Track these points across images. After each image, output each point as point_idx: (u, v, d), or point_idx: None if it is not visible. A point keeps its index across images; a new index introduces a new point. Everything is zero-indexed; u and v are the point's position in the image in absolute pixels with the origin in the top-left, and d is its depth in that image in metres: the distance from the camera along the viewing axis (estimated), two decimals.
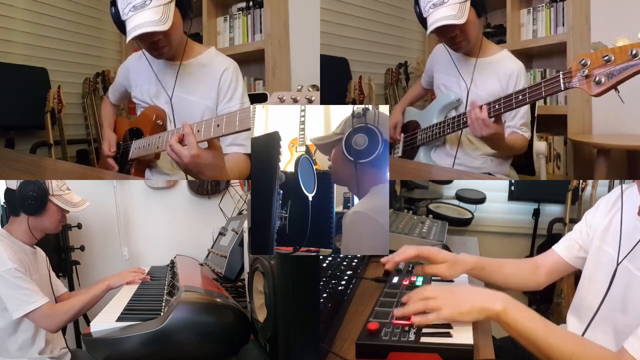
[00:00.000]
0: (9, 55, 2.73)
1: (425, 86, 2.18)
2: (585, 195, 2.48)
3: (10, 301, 1.51)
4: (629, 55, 1.20)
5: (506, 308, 0.94)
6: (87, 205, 1.76)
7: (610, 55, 1.23)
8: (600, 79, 1.25)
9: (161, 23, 1.50)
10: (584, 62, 1.29)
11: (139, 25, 1.48)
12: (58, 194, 1.67)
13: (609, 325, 1.08)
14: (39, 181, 1.63)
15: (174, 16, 1.54)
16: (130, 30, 1.49)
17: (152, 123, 1.72)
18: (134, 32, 1.48)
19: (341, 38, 3.07)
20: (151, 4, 1.49)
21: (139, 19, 1.49)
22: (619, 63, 1.22)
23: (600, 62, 1.25)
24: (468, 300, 0.97)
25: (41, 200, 1.63)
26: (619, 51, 1.22)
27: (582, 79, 1.30)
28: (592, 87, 1.28)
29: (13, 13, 2.75)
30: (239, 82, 1.70)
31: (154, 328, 1.26)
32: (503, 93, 1.68)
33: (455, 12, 1.67)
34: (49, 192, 1.64)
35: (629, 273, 1.06)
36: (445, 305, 0.97)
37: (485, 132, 1.60)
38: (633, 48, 1.19)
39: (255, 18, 2.85)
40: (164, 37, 1.57)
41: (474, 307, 0.96)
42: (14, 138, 2.75)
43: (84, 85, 3.08)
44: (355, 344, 0.97)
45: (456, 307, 0.96)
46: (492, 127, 1.59)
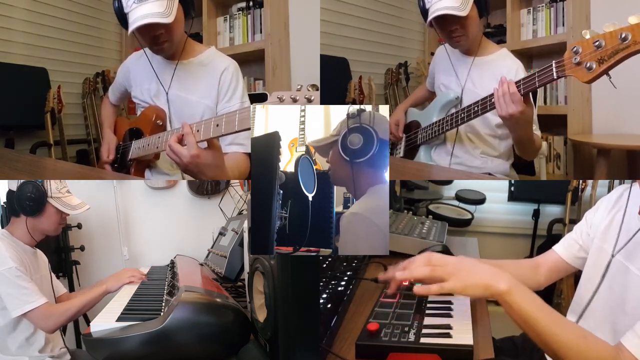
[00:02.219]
0: (9, 55, 2.73)
1: (429, 88, 2.19)
2: (585, 196, 2.48)
3: (9, 300, 1.51)
4: (618, 39, 1.19)
5: (511, 289, 0.92)
6: (87, 208, 1.75)
7: (601, 41, 1.22)
8: (591, 65, 1.24)
9: (165, 15, 1.50)
10: (576, 50, 1.28)
11: (143, 16, 1.48)
12: (57, 196, 1.66)
13: (607, 325, 1.08)
14: (38, 182, 1.62)
15: (177, 11, 1.54)
16: (133, 21, 1.49)
17: (152, 123, 1.72)
18: (137, 23, 1.48)
19: (341, 38, 3.07)
20: None
21: (143, 10, 1.49)
22: (609, 48, 1.21)
23: (591, 49, 1.25)
24: (474, 275, 0.96)
25: (39, 202, 1.62)
26: (609, 36, 1.21)
27: (574, 66, 1.29)
28: (583, 74, 1.27)
29: (13, 13, 2.75)
30: (239, 81, 1.71)
31: (154, 328, 1.26)
32: None
33: (458, 4, 1.66)
34: (48, 194, 1.63)
35: (626, 271, 1.06)
36: (451, 276, 0.95)
37: (512, 109, 1.45)
38: (622, 32, 1.18)
39: (256, 18, 2.85)
40: (166, 32, 1.57)
41: (479, 283, 0.94)
42: (13, 138, 2.75)
43: (83, 85, 3.08)
44: (355, 344, 0.97)
45: (461, 280, 0.95)
46: (521, 103, 1.45)
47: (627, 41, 1.18)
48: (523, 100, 1.46)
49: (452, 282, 0.95)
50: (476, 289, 0.94)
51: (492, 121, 1.80)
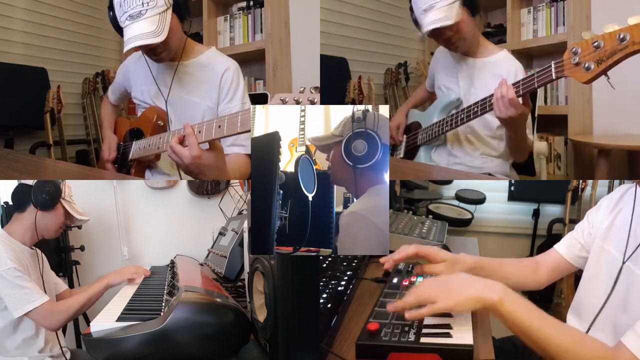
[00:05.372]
0: (9, 55, 2.73)
1: (429, 89, 2.19)
2: (585, 196, 2.47)
3: (10, 301, 1.52)
4: (617, 40, 1.20)
5: (502, 298, 0.92)
6: (87, 220, 1.82)
7: (600, 42, 1.23)
8: (589, 65, 1.25)
9: (156, 35, 1.50)
10: (575, 51, 1.28)
11: (134, 37, 1.49)
12: (68, 199, 1.73)
13: (609, 324, 1.08)
14: (57, 181, 1.70)
15: (171, 22, 1.54)
16: (127, 41, 1.50)
17: (153, 124, 1.72)
18: (130, 44, 1.49)
19: (341, 38, 3.07)
20: (146, 14, 1.49)
21: (135, 30, 1.49)
22: (608, 48, 1.22)
23: (590, 49, 1.25)
24: (463, 290, 0.96)
25: (54, 198, 1.68)
26: (608, 37, 1.22)
27: (572, 67, 1.29)
28: (581, 75, 1.27)
29: (13, 13, 2.75)
30: (240, 82, 1.70)
31: (154, 328, 1.26)
32: None
33: (444, 14, 1.68)
34: (62, 195, 1.70)
35: (631, 272, 1.06)
36: (438, 297, 0.95)
37: (512, 112, 1.47)
38: (621, 32, 1.19)
39: (256, 18, 2.85)
40: (162, 44, 1.57)
41: (470, 297, 0.94)
42: (13, 138, 2.75)
43: (83, 85, 3.08)
44: (355, 344, 0.97)
45: (451, 298, 0.95)
46: (519, 106, 1.47)
47: (626, 42, 1.18)
48: (522, 102, 1.48)
49: (441, 302, 0.95)
50: (468, 303, 0.94)
51: (491, 122, 1.80)
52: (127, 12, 1.50)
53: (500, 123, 1.61)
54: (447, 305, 0.95)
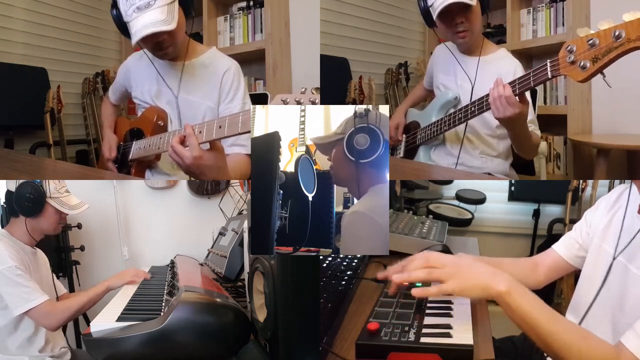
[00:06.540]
0: (9, 55, 2.73)
1: (427, 87, 2.19)
2: (585, 196, 2.48)
3: (10, 299, 1.52)
4: (612, 37, 1.17)
5: (510, 289, 0.91)
6: (86, 208, 1.76)
7: (595, 39, 1.20)
8: (585, 63, 1.23)
9: (167, 22, 1.49)
10: (571, 49, 1.26)
11: (146, 26, 1.48)
12: (56, 196, 1.67)
13: (606, 323, 1.08)
14: (36, 183, 1.63)
15: (179, 15, 1.54)
16: (136, 32, 1.49)
17: (153, 124, 1.72)
18: (141, 33, 1.48)
19: (341, 38, 3.07)
20: (156, 4, 1.49)
21: (145, 19, 1.48)
22: (603, 46, 1.19)
23: (585, 47, 1.23)
24: (473, 276, 0.95)
25: (38, 202, 1.63)
26: (603, 34, 1.19)
27: (568, 65, 1.27)
28: (577, 73, 1.26)
29: (13, 13, 2.75)
30: (240, 82, 1.70)
31: (154, 328, 1.26)
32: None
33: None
34: (47, 194, 1.64)
35: (626, 270, 1.06)
36: (450, 278, 0.94)
37: (510, 112, 1.44)
38: (616, 29, 1.16)
39: (256, 18, 2.86)
40: (169, 37, 1.57)
41: (478, 284, 0.93)
42: (13, 138, 2.75)
43: (83, 85, 3.08)
44: (355, 344, 0.97)
45: (460, 282, 0.94)
46: (517, 105, 1.44)
47: (621, 39, 1.16)
48: (519, 100, 1.45)
49: (450, 283, 0.94)
50: (475, 290, 0.93)
51: (490, 121, 1.80)
52: (134, 4, 1.49)
53: (500, 123, 1.60)
54: (455, 288, 0.93)
